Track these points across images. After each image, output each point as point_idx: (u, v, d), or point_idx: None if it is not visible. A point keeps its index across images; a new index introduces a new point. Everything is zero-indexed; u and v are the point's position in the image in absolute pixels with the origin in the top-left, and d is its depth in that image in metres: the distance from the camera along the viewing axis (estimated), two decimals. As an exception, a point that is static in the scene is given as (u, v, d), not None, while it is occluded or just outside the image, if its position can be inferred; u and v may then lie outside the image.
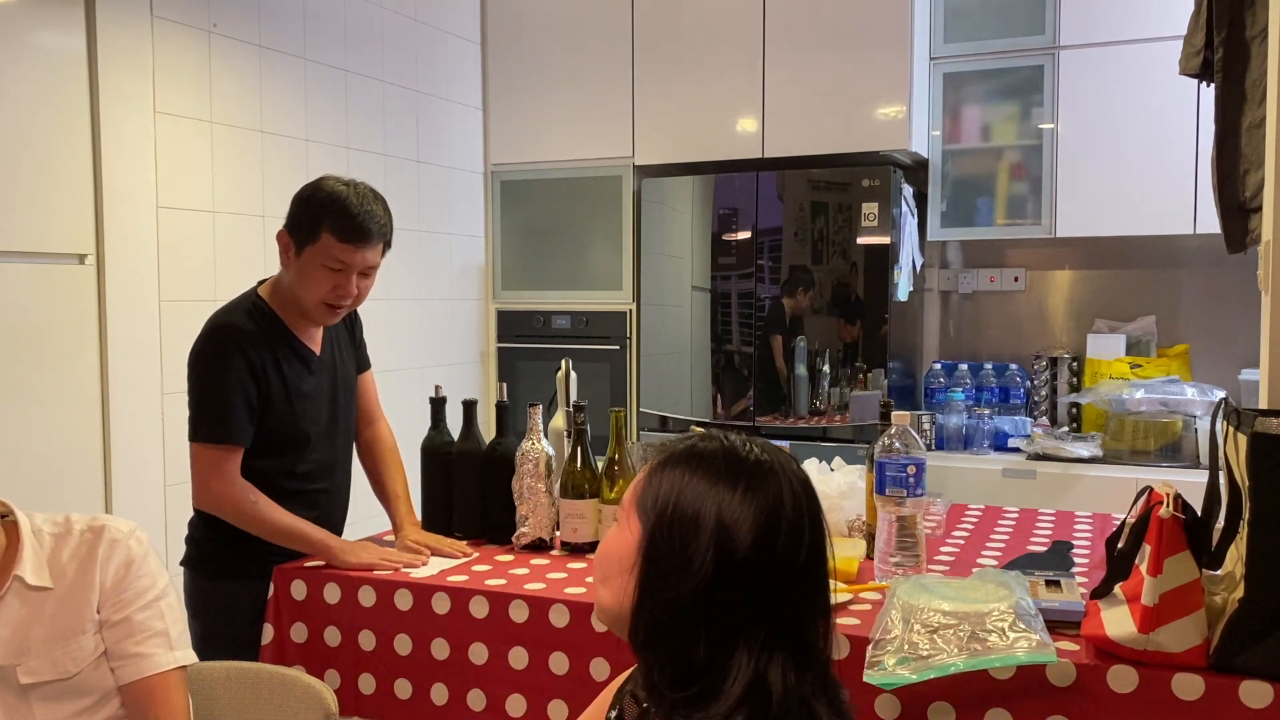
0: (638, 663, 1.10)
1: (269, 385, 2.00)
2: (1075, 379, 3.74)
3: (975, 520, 2.36)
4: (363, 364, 2.29)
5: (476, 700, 1.84)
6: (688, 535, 1.02)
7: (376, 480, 2.29)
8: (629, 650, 1.74)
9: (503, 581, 1.89)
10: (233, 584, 2.03)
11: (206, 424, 1.96)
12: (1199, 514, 1.46)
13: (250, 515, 1.97)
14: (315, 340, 2.11)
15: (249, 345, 1.97)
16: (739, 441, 1.09)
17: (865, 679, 1.45)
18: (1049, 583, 1.69)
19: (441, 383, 2.39)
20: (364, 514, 2.37)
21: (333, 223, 1.95)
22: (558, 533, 2.13)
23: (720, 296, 3.78)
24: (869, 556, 1.98)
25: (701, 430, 1.13)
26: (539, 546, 2.11)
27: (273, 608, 1.99)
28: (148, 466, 2.76)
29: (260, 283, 2.11)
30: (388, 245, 2.06)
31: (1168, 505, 1.45)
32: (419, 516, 2.27)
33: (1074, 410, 3.69)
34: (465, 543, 2.15)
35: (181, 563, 2.09)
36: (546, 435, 2.18)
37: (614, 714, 1.21)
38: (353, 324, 2.27)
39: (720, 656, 1.00)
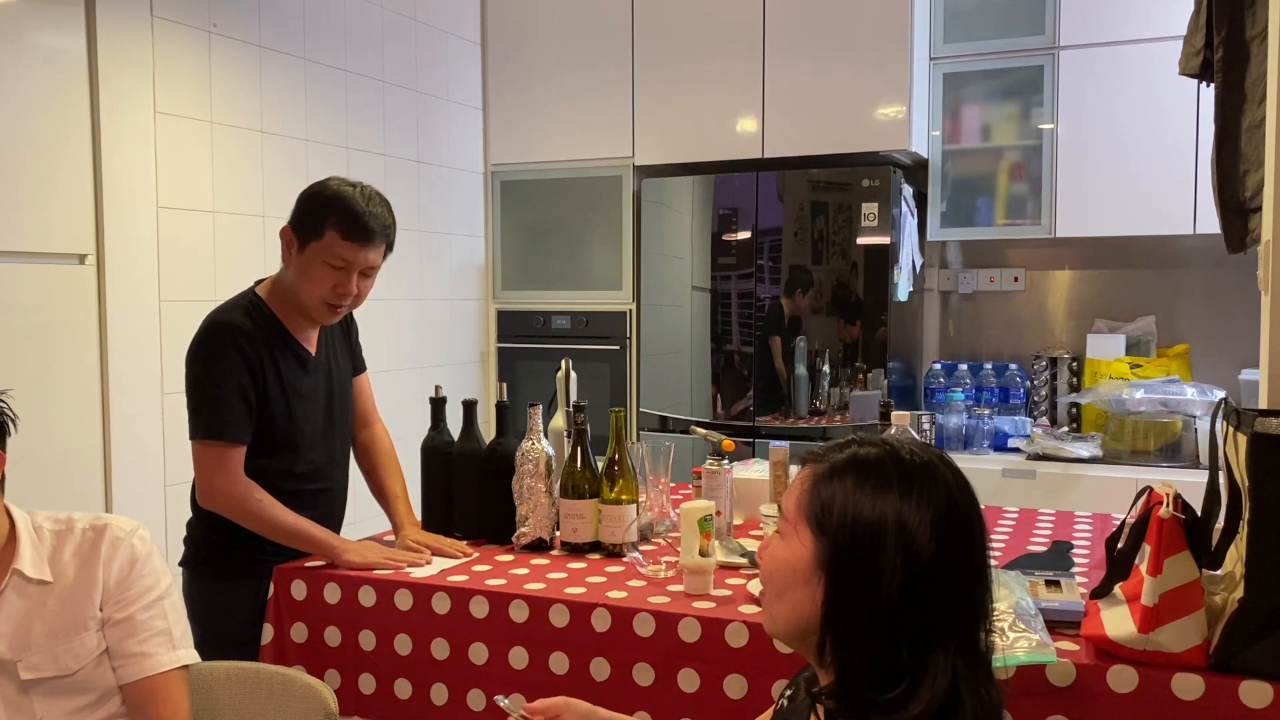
0: (823, 670, 1.10)
1: (266, 383, 2.00)
2: (1075, 379, 3.75)
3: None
4: (358, 367, 2.29)
5: (476, 700, 1.84)
6: (874, 545, 1.02)
7: (375, 481, 2.29)
8: (630, 651, 1.75)
9: (503, 581, 1.89)
10: (232, 584, 2.03)
11: (206, 421, 1.96)
12: (1199, 514, 1.46)
13: (255, 514, 1.97)
14: (311, 341, 2.12)
15: (246, 342, 1.97)
16: (896, 444, 1.10)
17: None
18: (1049, 583, 1.69)
19: (441, 383, 2.39)
20: (364, 514, 2.37)
21: (337, 220, 1.96)
22: (557, 533, 2.13)
23: (720, 296, 3.78)
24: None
25: (855, 435, 1.13)
26: (539, 546, 2.11)
27: (273, 608, 1.99)
28: (148, 466, 2.76)
29: (258, 282, 2.11)
30: (390, 248, 2.07)
31: (1168, 505, 1.45)
32: (419, 516, 2.27)
33: (1074, 410, 3.69)
34: (465, 543, 2.16)
35: (181, 563, 2.09)
36: (546, 435, 2.18)
37: (788, 692, 1.24)
38: (349, 327, 2.27)
39: (919, 657, 1.01)
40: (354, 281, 2.01)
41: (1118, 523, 1.63)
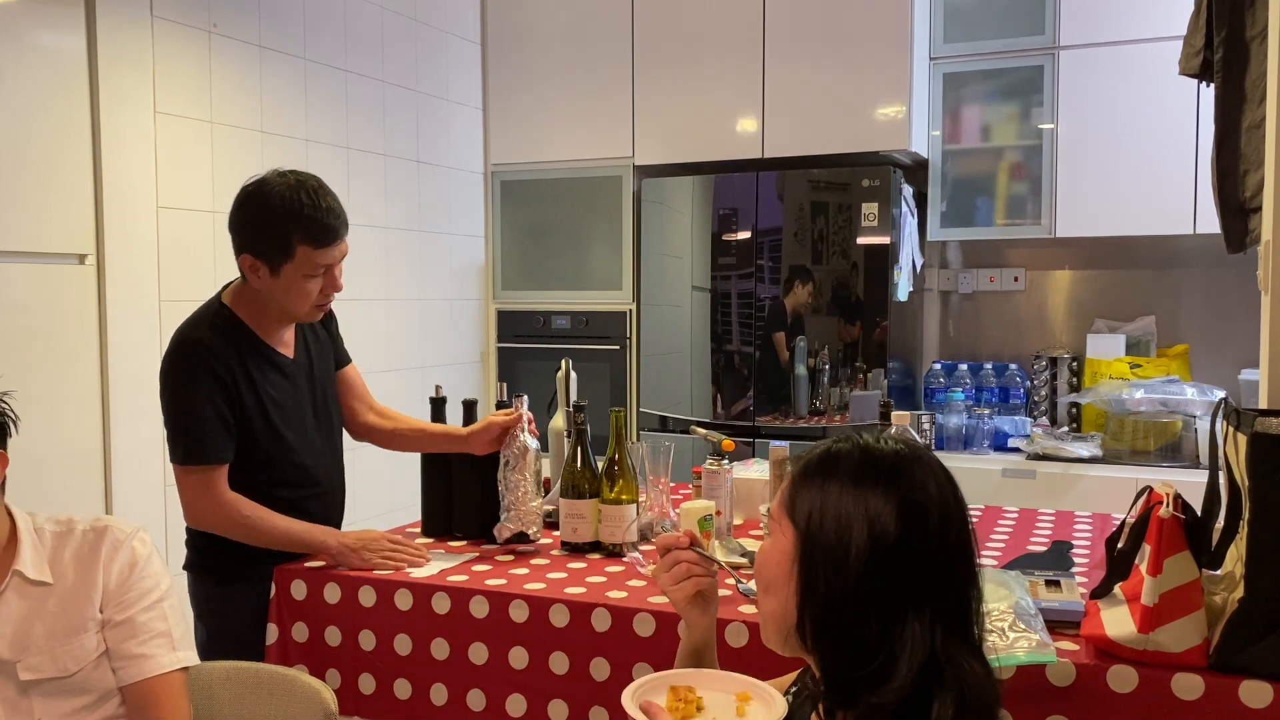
0: (810, 663, 1.13)
1: (241, 396, 1.95)
2: (1075, 379, 3.75)
3: (975, 520, 2.36)
4: (342, 359, 2.24)
5: (476, 700, 1.84)
6: (841, 531, 1.06)
7: (411, 434, 2.24)
8: (630, 651, 1.75)
9: (503, 581, 1.89)
10: (234, 587, 2.02)
11: (184, 446, 1.93)
12: (1199, 514, 1.46)
13: (245, 528, 1.95)
14: (287, 344, 2.07)
15: (215, 359, 1.93)
16: (872, 439, 1.14)
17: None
18: (1049, 583, 1.69)
19: (441, 383, 2.39)
20: (363, 514, 2.37)
21: (303, 234, 1.89)
22: (537, 529, 2.09)
23: (720, 296, 3.79)
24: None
25: (838, 436, 1.17)
26: (520, 539, 2.08)
27: (274, 608, 1.99)
28: (148, 466, 2.75)
29: (224, 287, 2.06)
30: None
31: (1168, 505, 1.45)
32: (419, 516, 2.27)
33: (1074, 410, 3.69)
34: (465, 542, 2.16)
35: (184, 567, 2.08)
36: (535, 427, 2.14)
37: (793, 689, 1.26)
38: (328, 320, 2.21)
39: (892, 633, 1.03)
40: (336, 276, 1.97)
41: (1118, 523, 1.62)
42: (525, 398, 2.16)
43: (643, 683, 1.24)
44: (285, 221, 1.88)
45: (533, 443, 2.11)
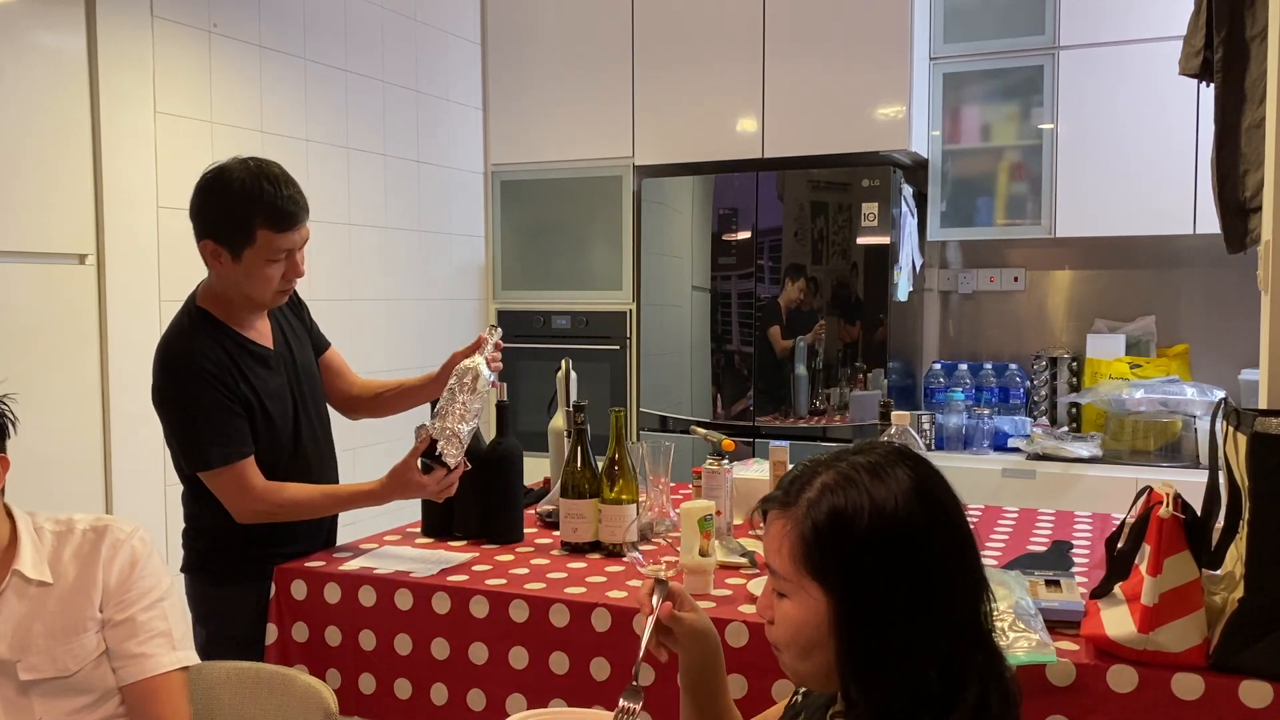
0: (850, 702, 1.06)
1: (239, 391, 1.96)
2: (1075, 379, 3.75)
3: (975, 520, 2.36)
4: (320, 345, 2.25)
5: (476, 700, 1.84)
6: (876, 562, 1.02)
7: (396, 392, 2.28)
8: (629, 650, 1.74)
9: (503, 581, 1.89)
10: (233, 588, 2.02)
11: (207, 451, 1.93)
12: (1199, 514, 1.46)
13: (292, 507, 1.97)
14: (265, 335, 2.07)
15: (205, 360, 1.93)
16: (849, 457, 1.09)
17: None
18: (1049, 583, 1.69)
19: (441, 383, 2.39)
20: (363, 512, 2.36)
21: (263, 219, 1.89)
22: (454, 453, 1.97)
23: (720, 296, 3.79)
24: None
25: (804, 464, 1.11)
26: (430, 452, 1.96)
27: (274, 608, 1.99)
28: (148, 466, 2.75)
29: (196, 288, 2.05)
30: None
31: (1167, 505, 1.45)
32: (419, 516, 2.27)
33: (1074, 410, 3.69)
34: (464, 541, 2.16)
35: (182, 569, 2.07)
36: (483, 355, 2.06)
37: (804, 688, 1.23)
38: (299, 309, 2.21)
39: (952, 665, 1.01)
40: (298, 261, 1.97)
41: (1118, 523, 1.63)
42: (499, 331, 2.11)
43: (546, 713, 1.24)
44: (247, 206, 1.89)
45: (485, 370, 2.01)
